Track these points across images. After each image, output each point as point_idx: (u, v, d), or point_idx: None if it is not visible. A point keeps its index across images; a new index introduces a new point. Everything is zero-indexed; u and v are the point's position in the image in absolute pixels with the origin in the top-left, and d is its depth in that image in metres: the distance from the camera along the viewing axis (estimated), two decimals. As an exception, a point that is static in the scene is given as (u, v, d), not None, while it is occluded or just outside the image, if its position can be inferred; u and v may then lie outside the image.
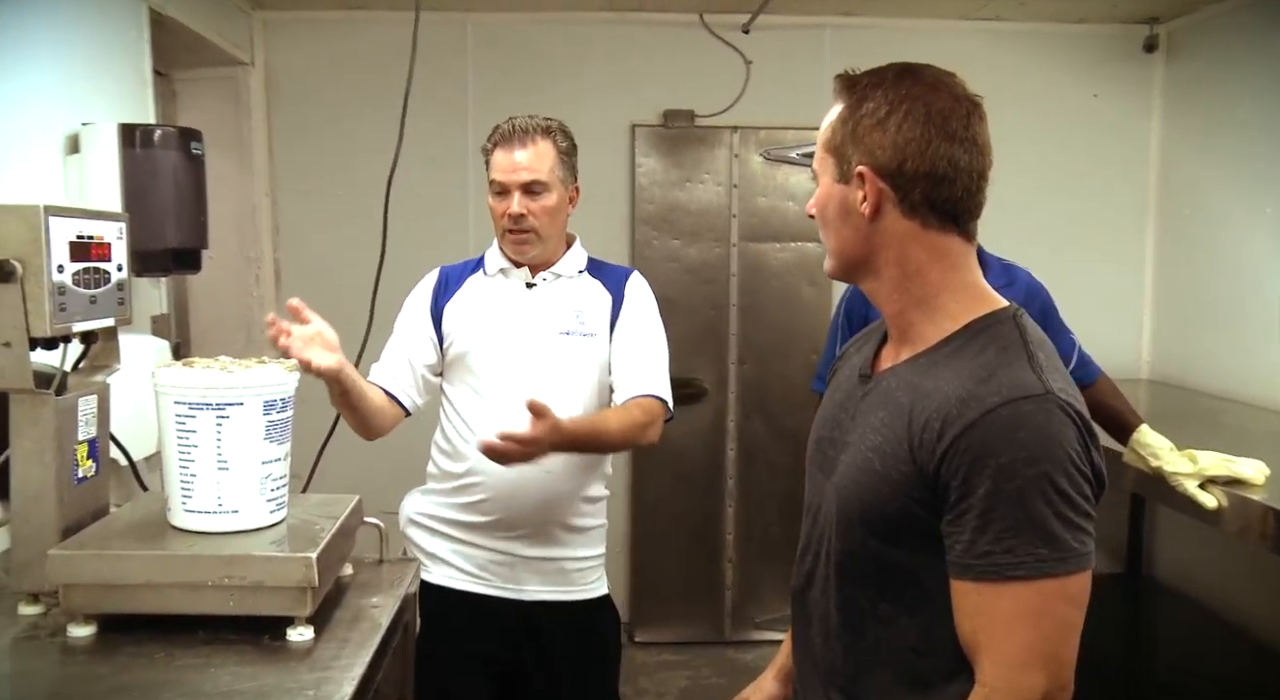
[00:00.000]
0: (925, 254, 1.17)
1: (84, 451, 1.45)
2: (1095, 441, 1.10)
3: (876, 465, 1.17)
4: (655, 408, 1.96)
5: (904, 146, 1.13)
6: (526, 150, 1.98)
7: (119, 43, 2.59)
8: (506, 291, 2.07)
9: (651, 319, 2.09)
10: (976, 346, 1.15)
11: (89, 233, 1.43)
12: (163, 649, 1.31)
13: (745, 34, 3.78)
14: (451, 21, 3.75)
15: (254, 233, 3.72)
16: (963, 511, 1.07)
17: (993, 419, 1.06)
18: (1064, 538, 1.05)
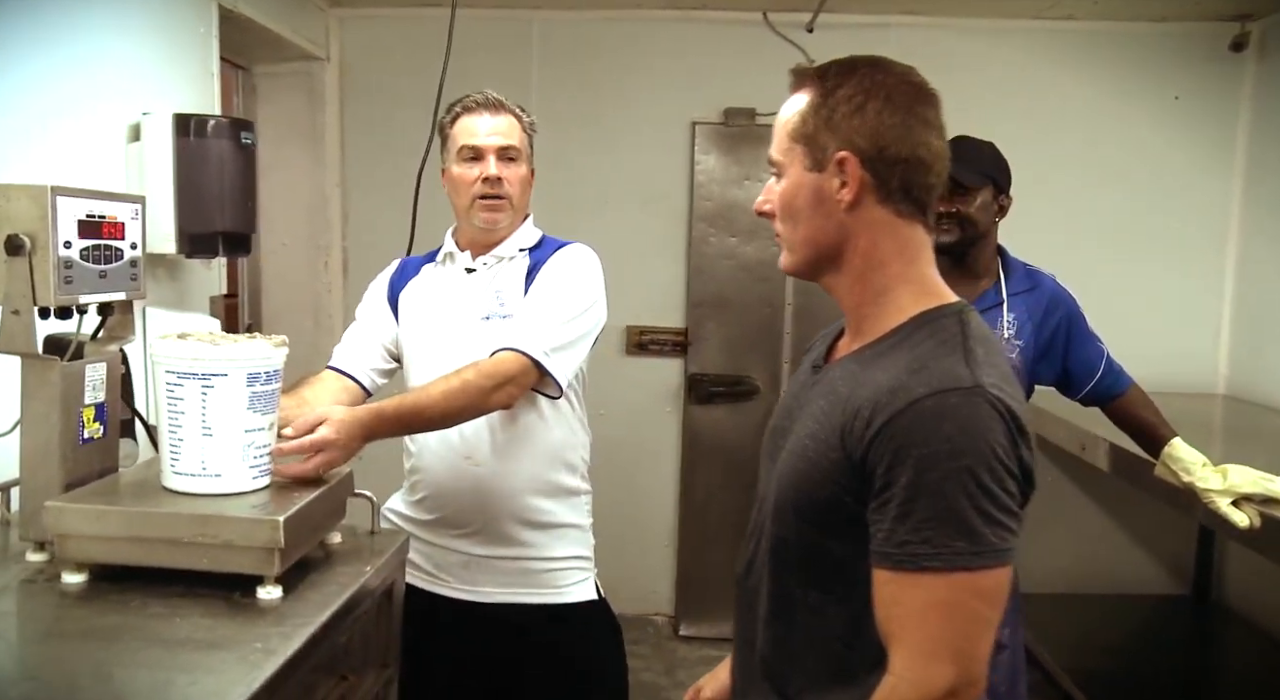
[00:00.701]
0: (893, 245, 1.19)
1: (90, 414, 1.57)
2: (1026, 439, 1.10)
3: (810, 452, 1.19)
4: (509, 365, 1.77)
5: (885, 131, 1.15)
6: (497, 117, 1.96)
7: (187, 37, 2.75)
8: (447, 278, 2.04)
9: (560, 276, 1.93)
10: (917, 339, 1.16)
11: (100, 212, 1.54)
12: (140, 598, 1.41)
13: (809, 33, 3.77)
14: (519, 19, 3.86)
15: (324, 222, 3.88)
16: (885, 500, 1.08)
17: (918, 409, 1.07)
18: (983, 532, 1.05)
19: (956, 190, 2.37)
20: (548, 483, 1.98)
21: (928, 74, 1.22)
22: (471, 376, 1.74)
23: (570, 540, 2.01)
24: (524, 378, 1.80)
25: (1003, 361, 1.16)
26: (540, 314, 1.87)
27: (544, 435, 1.97)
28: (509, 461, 1.94)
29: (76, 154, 2.28)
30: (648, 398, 4.03)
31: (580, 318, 1.90)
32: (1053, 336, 2.42)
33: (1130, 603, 3.94)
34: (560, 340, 1.85)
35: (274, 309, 3.92)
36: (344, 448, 1.60)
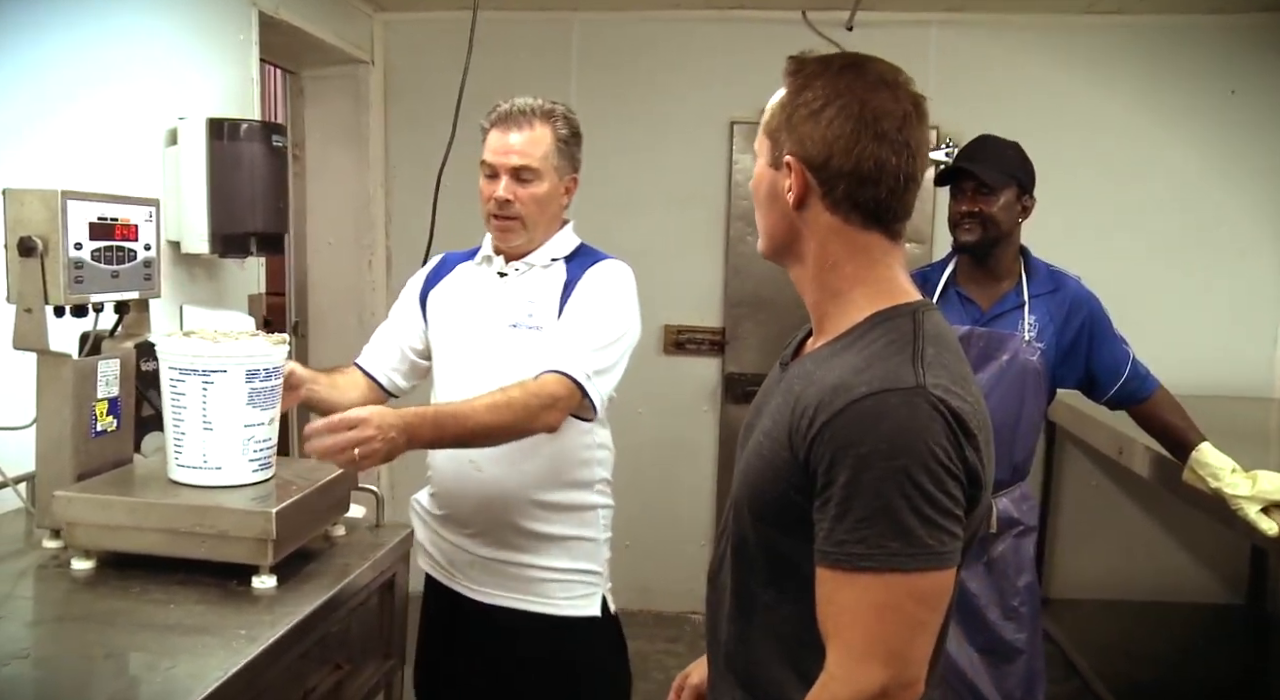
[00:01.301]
0: (844, 249, 1.18)
1: (103, 408, 1.64)
2: (973, 441, 1.08)
3: (765, 451, 1.20)
4: (555, 387, 1.75)
5: (832, 142, 1.14)
6: (521, 133, 1.90)
7: (227, 43, 2.85)
8: (481, 281, 2.01)
9: (598, 297, 1.90)
10: (870, 338, 1.16)
11: (112, 215, 1.61)
12: (141, 584, 1.48)
13: (849, 31, 3.73)
14: (559, 20, 3.90)
15: (368, 221, 3.97)
16: (826, 500, 1.08)
17: (858, 409, 1.07)
18: (918, 534, 1.04)
19: (980, 190, 2.35)
20: (552, 495, 1.94)
21: (973, 72, 1.20)
22: (519, 394, 1.70)
23: (576, 553, 1.97)
24: (569, 401, 1.78)
25: (957, 362, 1.15)
26: (581, 337, 1.84)
27: (551, 448, 1.91)
28: (511, 471, 1.91)
29: (117, 159, 2.39)
30: (685, 397, 4.05)
31: (618, 342, 1.88)
32: (1075, 339, 2.38)
33: (1177, 611, 3.83)
34: (600, 364, 1.82)
35: (319, 307, 4.02)
36: (378, 429, 1.51)
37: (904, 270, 1.23)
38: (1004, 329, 2.39)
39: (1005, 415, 2.36)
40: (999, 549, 2.41)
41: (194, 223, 2.50)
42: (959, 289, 2.47)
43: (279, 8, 3.10)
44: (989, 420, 1.18)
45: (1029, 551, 2.46)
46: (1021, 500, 2.45)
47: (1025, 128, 2.83)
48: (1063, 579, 3.90)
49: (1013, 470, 2.41)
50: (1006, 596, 2.41)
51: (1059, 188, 3.56)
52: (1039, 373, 2.37)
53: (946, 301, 2.46)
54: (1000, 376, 2.36)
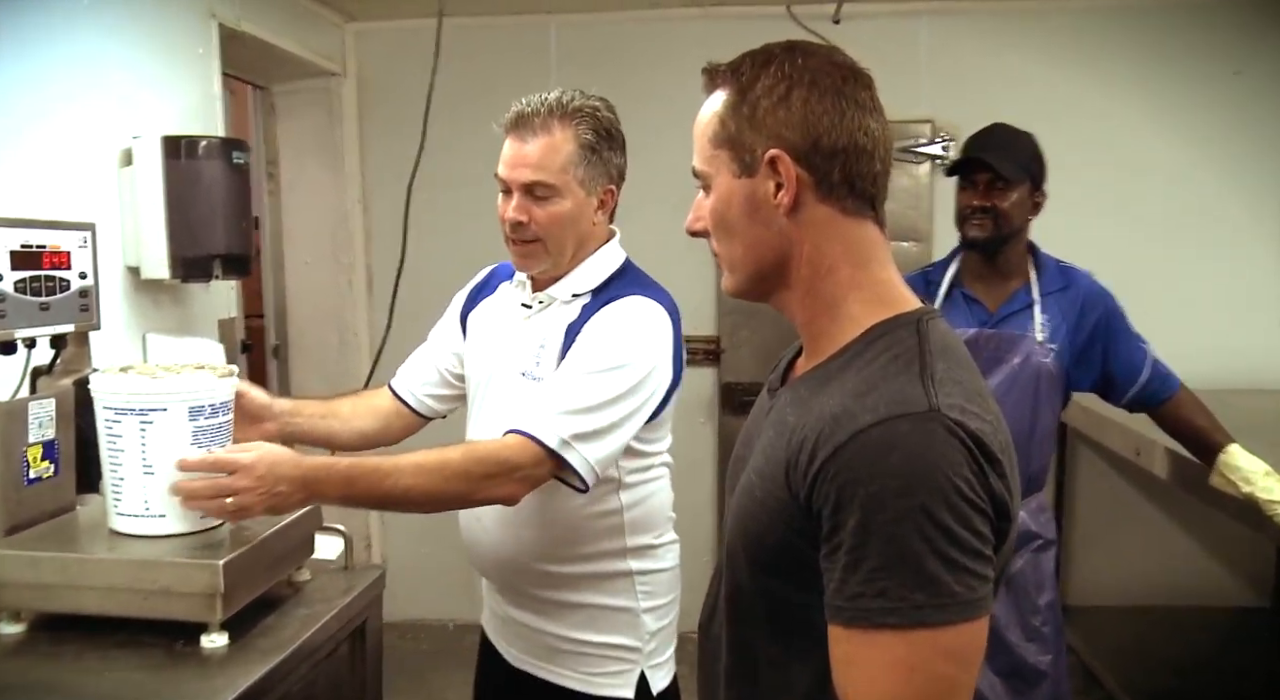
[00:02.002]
0: (840, 247, 1.04)
1: (37, 453, 1.50)
2: (997, 467, 0.93)
3: (758, 491, 1.05)
4: (513, 453, 1.49)
5: (815, 121, 1.01)
6: (536, 140, 1.61)
7: (187, 58, 2.71)
8: (508, 310, 1.77)
9: (598, 346, 1.60)
10: (869, 356, 1.02)
11: (38, 242, 1.47)
12: (76, 649, 1.35)
13: (835, 24, 3.62)
14: (535, 24, 3.78)
15: (346, 238, 3.84)
16: (835, 547, 0.94)
17: (863, 440, 0.92)
18: (944, 581, 0.89)
19: (994, 183, 2.21)
20: (563, 567, 1.69)
21: (966, 62, 1.09)
22: (457, 458, 1.46)
23: (604, 626, 1.70)
24: (536, 470, 1.50)
25: (970, 376, 1.01)
26: (564, 394, 1.54)
27: (548, 518, 1.67)
28: (511, 536, 1.69)
29: (71, 184, 2.25)
30: (681, 408, 3.86)
31: (620, 401, 1.55)
32: (1090, 338, 2.24)
33: (1201, 615, 3.68)
34: (587, 427, 1.52)
35: (299, 327, 3.89)
36: (260, 481, 1.33)
37: (896, 270, 1.10)
38: (1013, 330, 2.25)
39: (1019, 423, 2.22)
40: (1017, 565, 2.27)
41: (153, 247, 2.36)
42: (964, 289, 2.33)
43: (241, 20, 2.96)
44: (1010, 439, 1.04)
45: (1049, 567, 2.31)
46: (1038, 512, 2.31)
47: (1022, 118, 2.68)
48: (1080, 586, 3.75)
49: (1028, 481, 2.27)
50: (1027, 616, 2.27)
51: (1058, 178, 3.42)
52: (1053, 376, 2.23)
53: (951, 303, 2.33)
54: (1012, 381, 2.23)
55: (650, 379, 1.60)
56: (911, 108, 3.61)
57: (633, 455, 1.68)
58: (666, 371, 1.64)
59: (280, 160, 3.82)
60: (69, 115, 2.24)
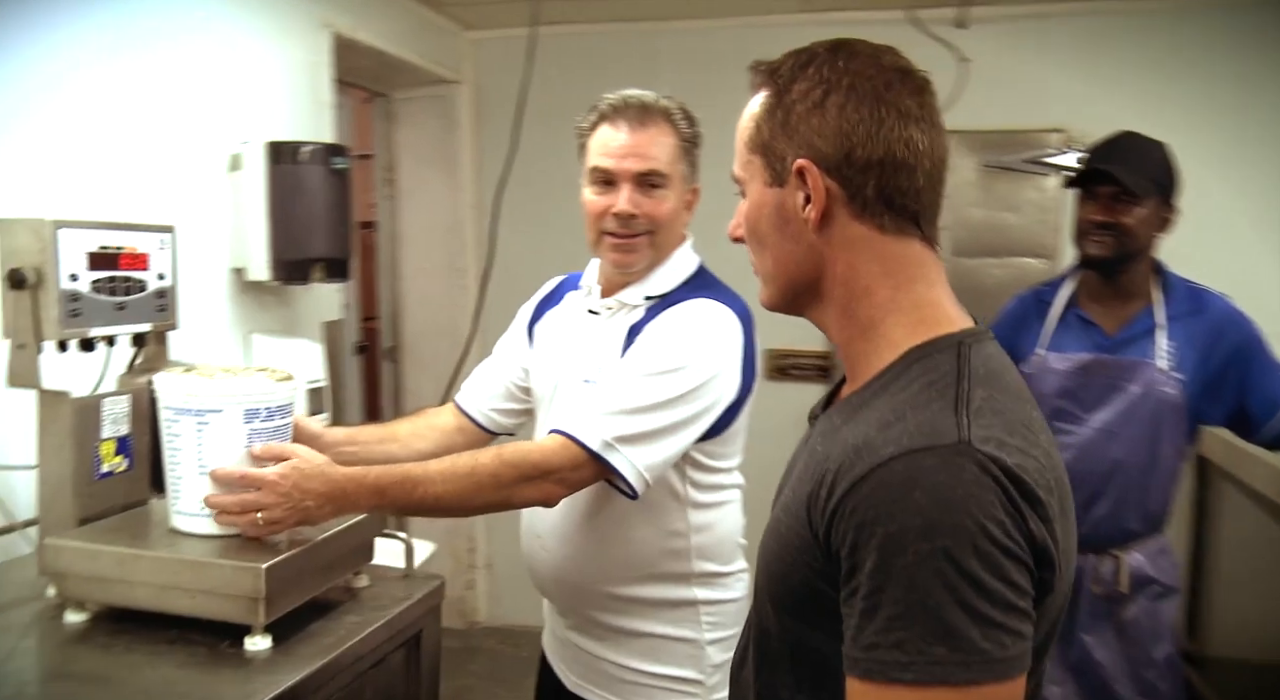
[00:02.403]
0: (878, 267, 0.96)
1: (110, 448, 1.54)
2: (1040, 509, 0.83)
3: (783, 528, 0.98)
4: (550, 455, 1.44)
5: (850, 130, 0.93)
6: (646, 130, 1.56)
7: (300, 66, 2.79)
8: (575, 318, 1.73)
9: (655, 348, 1.54)
10: (904, 381, 0.93)
11: (116, 243, 1.51)
12: (128, 642, 1.36)
13: (961, 29, 3.46)
14: (642, 32, 3.74)
15: (460, 244, 3.88)
16: (853, 591, 0.85)
17: (884, 475, 0.83)
18: (969, 636, 0.79)
19: (1119, 198, 2.05)
20: (627, 588, 1.62)
21: (1103, 67, 0.98)
22: (488, 461, 1.43)
23: (666, 657, 1.63)
24: (573, 473, 1.45)
25: (1017, 406, 0.91)
26: (612, 395, 1.49)
27: (613, 530, 1.61)
28: (575, 554, 1.63)
29: (182, 186, 2.34)
30: (789, 426, 3.75)
31: (673, 405, 1.48)
32: (1223, 367, 2.05)
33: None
34: (634, 429, 1.46)
35: (414, 331, 3.96)
36: (285, 497, 1.35)
37: (947, 289, 1.00)
38: (1133, 356, 2.08)
39: (1135, 457, 2.05)
40: (1131, 612, 2.09)
41: (256, 249, 2.42)
42: (1080, 311, 2.16)
43: (356, 29, 3.03)
44: (1065, 478, 0.93)
45: (1168, 616, 2.12)
46: (1159, 556, 2.12)
47: (1161, 127, 2.47)
48: (1221, 636, 3.45)
49: (1146, 521, 2.08)
50: (1140, 668, 2.08)
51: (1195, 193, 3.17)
52: (1177, 407, 2.04)
53: (1064, 325, 2.17)
54: (1130, 412, 2.05)
55: (711, 385, 1.53)
56: (1040, 116, 3.41)
57: (700, 469, 1.61)
58: (732, 380, 1.57)
59: (398, 166, 3.91)
60: (184, 120, 2.32)
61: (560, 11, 3.63)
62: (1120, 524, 2.07)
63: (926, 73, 0.98)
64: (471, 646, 3.91)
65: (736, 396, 1.59)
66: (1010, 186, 3.46)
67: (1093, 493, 2.07)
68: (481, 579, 4.16)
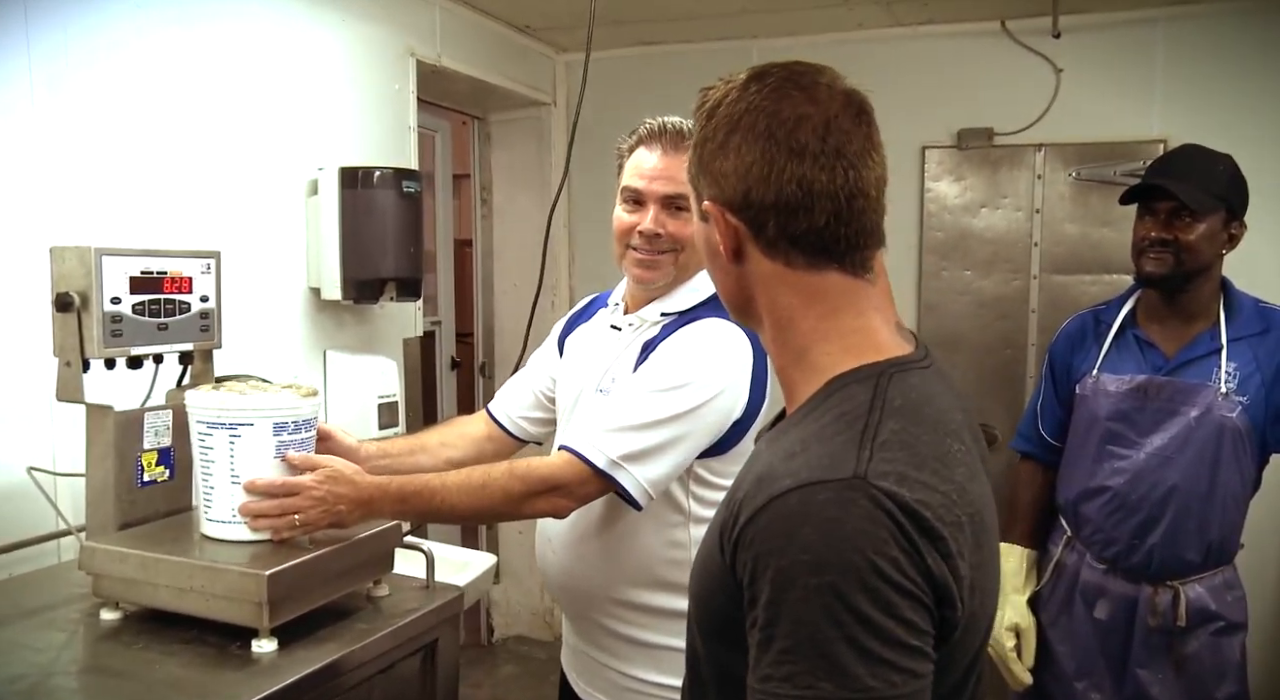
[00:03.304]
0: (797, 299, 0.97)
1: (152, 458, 1.66)
2: (939, 544, 0.82)
3: (703, 552, 1.00)
4: (557, 470, 1.51)
5: (745, 172, 0.94)
6: (679, 155, 1.59)
7: (382, 92, 2.92)
8: (601, 331, 1.78)
9: (664, 365, 1.58)
10: (821, 412, 0.93)
11: (159, 268, 1.64)
12: (146, 640, 1.47)
13: (1055, 39, 3.33)
14: (736, 49, 3.75)
15: (550, 262, 3.96)
16: (753, 621, 0.86)
17: (779, 507, 0.84)
18: (856, 672, 0.80)
19: (1178, 214, 1.96)
20: (630, 594, 1.65)
21: (1205, 74, 0.93)
22: (499, 475, 1.52)
23: (667, 667, 1.62)
24: (580, 488, 1.52)
25: (935, 439, 0.89)
26: (617, 411, 1.55)
27: (618, 538, 1.65)
28: (580, 558, 1.68)
29: (264, 210, 2.50)
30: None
31: (677, 421, 1.52)
32: (1293, 391, 1.93)
33: None
34: (638, 446, 1.51)
35: (505, 349, 4.07)
36: (320, 501, 1.48)
37: (883, 314, 0.99)
38: (1194, 378, 1.97)
39: (1194, 483, 1.95)
40: (1191, 648, 1.98)
41: (330, 270, 2.56)
42: (1138, 330, 2.07)
43: (441, 57, 3.16)
44: (985, 513, 0.92)
45: (1234, 655, 2.00)
46: (1224, 589, 2.01)
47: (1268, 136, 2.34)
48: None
49: (1206, 551, 1.98)
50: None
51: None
52: (1240, 432, 1.94)
53: (1122, 345, 2.08)
54: (1187, 436, 1.96)
55: (717, 402, 1.56)
56: (1141, 127, 3.25)
57: (704, 485, 1.64)
58: (739, 398, 1.59)
59: (493, 187, 4.03)
60: (267, 146, 2.49)
61: (652, 32, 3.69)
62: (1177, 553, 1.97)
63: (857, 93, 0.97)
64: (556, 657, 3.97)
65: (742, 414, 1.60)
66: (1106, 201, 3.31)
67: (1147, 520, 1.98)
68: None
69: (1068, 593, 2.11)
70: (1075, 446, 2.12)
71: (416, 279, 2.68)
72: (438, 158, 3.90)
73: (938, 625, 0.84)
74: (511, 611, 4.17)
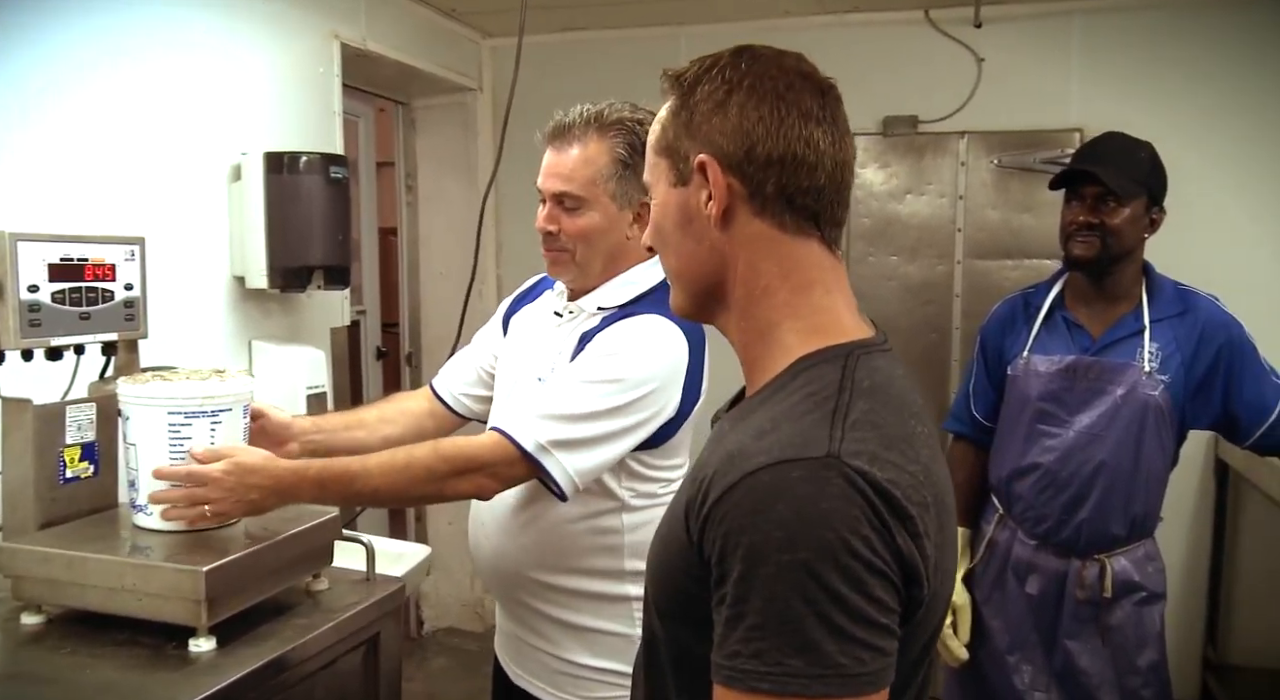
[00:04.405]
0: (776, 267, 0.97)
1: (75, 454, 1.59)
2: (908, 524, 0.83)
3: (664, 532, 0.99)
4: (484, 451, 1.49)
5: (751, 128, 0.94)
6: (569, 151, 1.61)
7: (307, 76, 2.84)
8: (543, 317, 1.77)
9: (598, 359, 1.56)
10: (789, 391, 0.93)
11: (80, 255, 1.56)
12: (75, 644, 1.41)
13: (977, 28, 3.40)
14: (663, 36, 3.74)
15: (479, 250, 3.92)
16: (721, 598, 0.86)
17: (751, 484, 0.84)
18: (826, 649, 0.80)
19: (1103, 198, 2.01)
20: (560, 579, 1.65)
21: (1124, 66, 0.96)
22: (423, 455, 1.49)
23: (599, 649, 1.65)
24: (507, 470, 1.50)
25: (899, 420, 0.90)
26: (553, 397, 1.53)
27: (548, 525, 1.64)
28: (509, 542, 1.67)
29: (185, 196, 2.41)
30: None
31: (610, 417, 1.52)
32: (1210, 370, 2.00)
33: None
34: (570, 436, 1.50)
35: (433, 337, 4.01)
36: (230, 491, 1.43)
37: (846, 297, 1.00)
38: (1119, 358, 2.03)
39: (1119, 460, 2.01)
40: (1116, 618, 2.05)
41: (255, 257, 2.49)
42: (1066, 313, 2.13)
43: (366, 39, 3.09)
44: (945, 493, 0.93)
45: (1154, 624, 2.07)
46: (1145, 561, 2.07)
47: (1181, 126, 2.41)
48: (1240, 642, 3.35)
49: (1131, 525, 2.04)
50: (1125, 676, 2.04)
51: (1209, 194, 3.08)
52: (1162, 410, 2.00)
53: (1051, 327, 2.13)
54: (1113, 414, 2.01)
55: (649, 399, 1.55)
56: (1059, 116, 3.34)
57: (637, 478, 1.63)
58: (673, 395, 1.58)
59: (418, 173, 3.96)
60: (185, 131, 2.39)
61: (578, 18, 3.65)
62: (1104, 528, 2.03)
63: (831, 78, 0.99)
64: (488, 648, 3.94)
65: (675, 413, 1.60)
66: (1026, 188, 3.39)
67: (1076, 496, 2.03)
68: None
69: (1000, 569, 2.16)
70: (1007, 426, 2.16)
71: (345, 267, 2.62)
72: (361, 144, 3.82)
73: (904, 604, 0.85)
74: (442, 603, 4.12)
